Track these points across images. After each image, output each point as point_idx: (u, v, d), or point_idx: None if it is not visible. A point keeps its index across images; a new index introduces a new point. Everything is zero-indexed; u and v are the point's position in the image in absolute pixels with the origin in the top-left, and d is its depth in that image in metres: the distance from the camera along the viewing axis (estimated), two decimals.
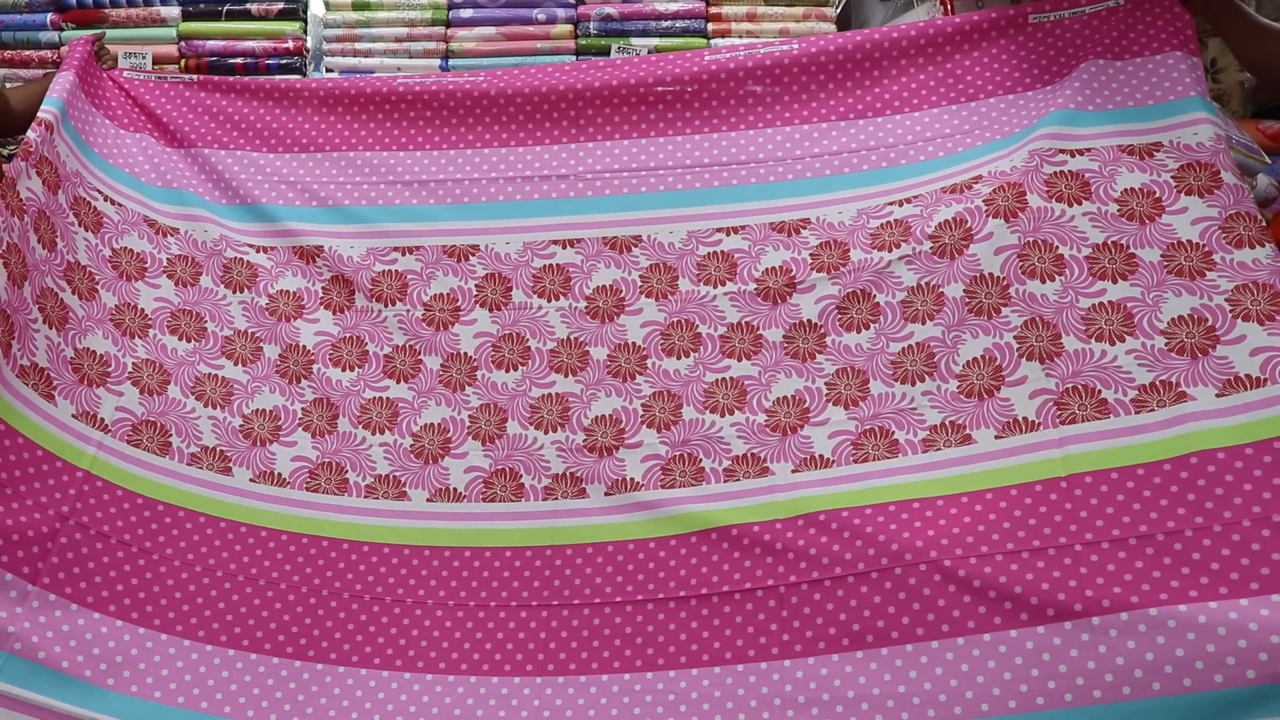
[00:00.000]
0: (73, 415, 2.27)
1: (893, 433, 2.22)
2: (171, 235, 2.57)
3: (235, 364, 2.48)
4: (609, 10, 3.23)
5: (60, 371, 2.28)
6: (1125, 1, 2.45)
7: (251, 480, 2.37)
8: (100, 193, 2.51)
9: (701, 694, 2.06)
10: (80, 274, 2.39)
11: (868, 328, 2.33)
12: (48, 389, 2.24)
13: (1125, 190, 2.25)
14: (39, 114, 2.42)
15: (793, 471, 2.24)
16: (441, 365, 2.48)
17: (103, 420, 2.31)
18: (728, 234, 2.49)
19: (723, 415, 2.33)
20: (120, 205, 2.54)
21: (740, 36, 3.23)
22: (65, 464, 2.21)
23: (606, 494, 2.30)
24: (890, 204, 2.42)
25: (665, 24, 3.24)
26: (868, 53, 2.59)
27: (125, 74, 2.77)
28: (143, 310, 2.47)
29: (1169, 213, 2.21)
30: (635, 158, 2.60)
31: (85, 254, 2.42)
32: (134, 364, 2.40)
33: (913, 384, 2.25)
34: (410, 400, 2.45)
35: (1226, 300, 2.10)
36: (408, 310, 2.52)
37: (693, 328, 2.42)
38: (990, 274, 2.25)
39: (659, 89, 2.63)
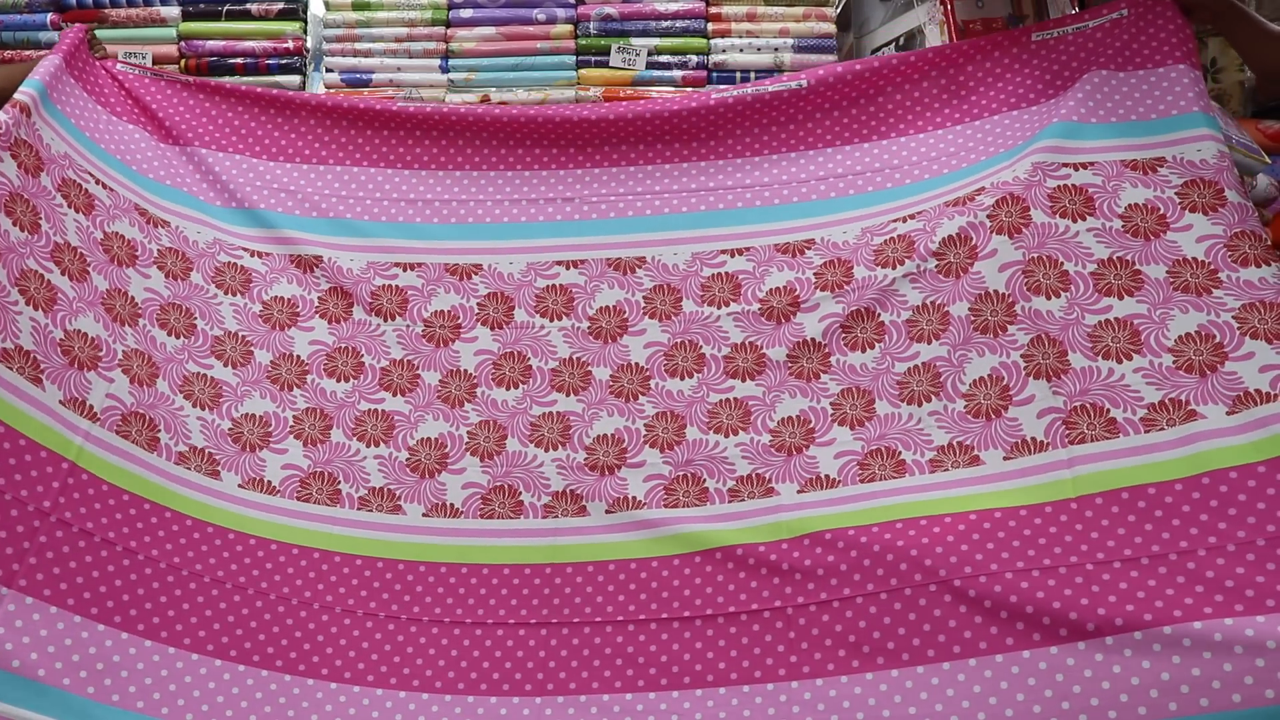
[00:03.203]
0: (60, 401, 2.15)
1: (899, 453, 2.20)
2: (162, 227, 2.50)
3: (225, 365, 2.42)
4: (609, 10, 3.23)
5: (48, 354, 2.17)
6: (1129, 14, 2.45)
7: (240, 486, 2.30)
8: (92, 176, 2.43)
9: (706, 715, 2.02)
10: (70, 255, 2.30)
11: (873, 347, 2.31)
12: (35, 372, 2.13)
13: (1129, 206, 2.25)
14: (15, 96, 2.33)
15: (798, 492, 2.21)
16: (440, 381, 2.44)
17: (91, 408, 2.20)
18: (732, 255, 2.48)
19: (727, 435, 2.31)
20: (112, 190, 2.45)
21: (740, 36, 3.22)
22: (50, 453, 2.10)
23: (607, 512, 2.27)
24: (894, 221, 2.41)
25: (665, 24, 3.24)
26: (872, 82, 2.58)
27: (119, 66, 2.70)
28: (133, 298, 2.38)
29: (1174, 229, 2.20)
30: (640, 182, 2.59)
31: (76, 235, 2.32)
32: (124, 352, 2.30)
33: (919, 404, 2.23)
34: (407, 414, 2.41)
35: (1234, 317, 2.10)
36: (407, 325, 2.48)
37: (696, 348, 2.40)
38: (995, 291, 2.24)
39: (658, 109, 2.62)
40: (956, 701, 1.91)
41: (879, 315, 2.33)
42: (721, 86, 2.90)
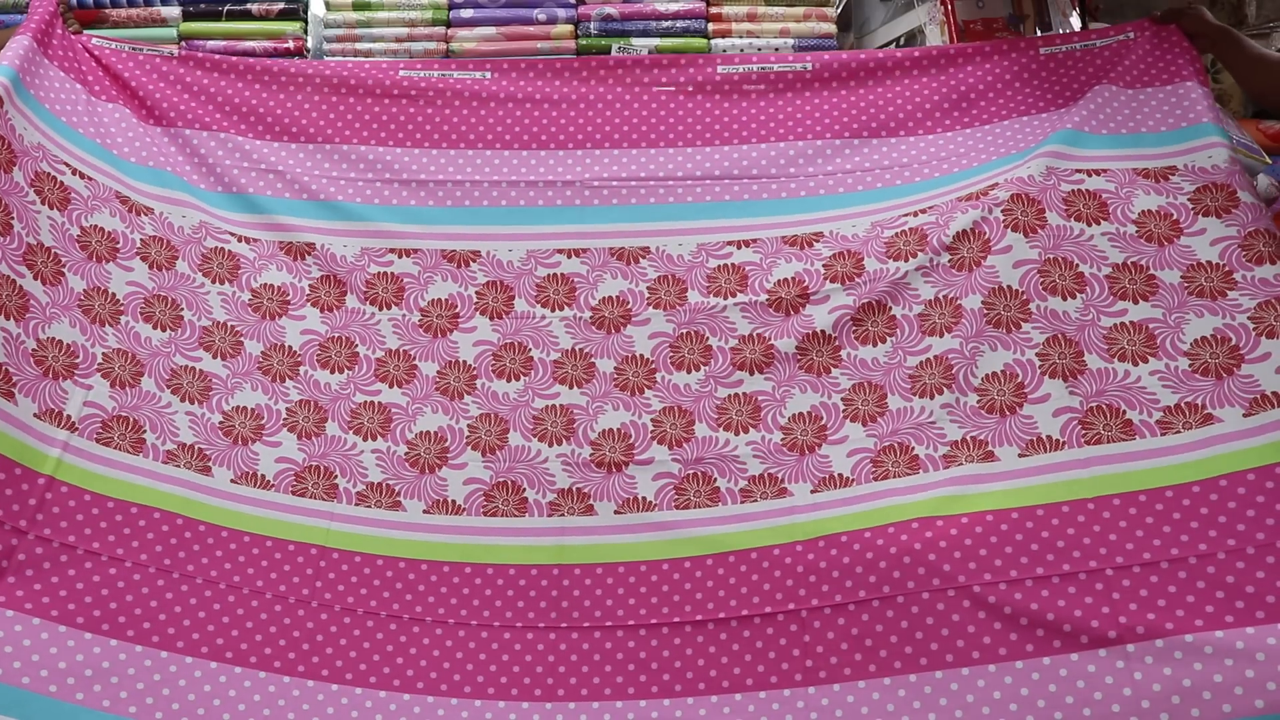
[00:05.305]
0: (34, 414, 2.06)
1: (913, 449, 2.16)
2: (145, 214, 2.38)
3: (214, 357, 2.31)
4: (609, 10, 3.20)
5: (20, 366, 2.07)
6: (1136, 35, 2.48)
7: (233, 481, 2.20)
8: (67, 165, 2.30)
9: None
10: (44, 256, 2.18)
11: (884, 341, 2.27)
12: (7, 386, 2.03)
13: (1143, 212, 2.24)
14: None
15: (812, 492, 2.17)
16: (438, 372, 2.36)
17: (69, 418, 2.10)
18: (738, 247, 2.43)
19: (737, 433, 2.26)
20: (90, 179, 2.33)
21: (741, 36, 3.21)
22: (25, 470, 2.01)
23: (616, 512, 2.21)
24: (905, 215, 2.38)
25: (665, 24, 3.21)
26: (877, 77, 2.58)
27: (95, 41, 2.56)
28: (114, 295, 2.27)
29: (1187, 234, 2.21)
30: (644, 167, 2.53)
31: (49, 234, 2.21)
32: (104, 354, 2.20)
33: (931, 397, 2.19)
34: (404, 406, 2.33)
35: (1249, 318, 2.10)
36: (403, 315, 2.40)
37: (702, 340, 2.35)
38: (1009, 286, 2.22)
39: (658, 88, 2.59)
40: (976, 708, 1.89)
41: (890, 309, 2.29)
42: (728, 54, 2.86)
